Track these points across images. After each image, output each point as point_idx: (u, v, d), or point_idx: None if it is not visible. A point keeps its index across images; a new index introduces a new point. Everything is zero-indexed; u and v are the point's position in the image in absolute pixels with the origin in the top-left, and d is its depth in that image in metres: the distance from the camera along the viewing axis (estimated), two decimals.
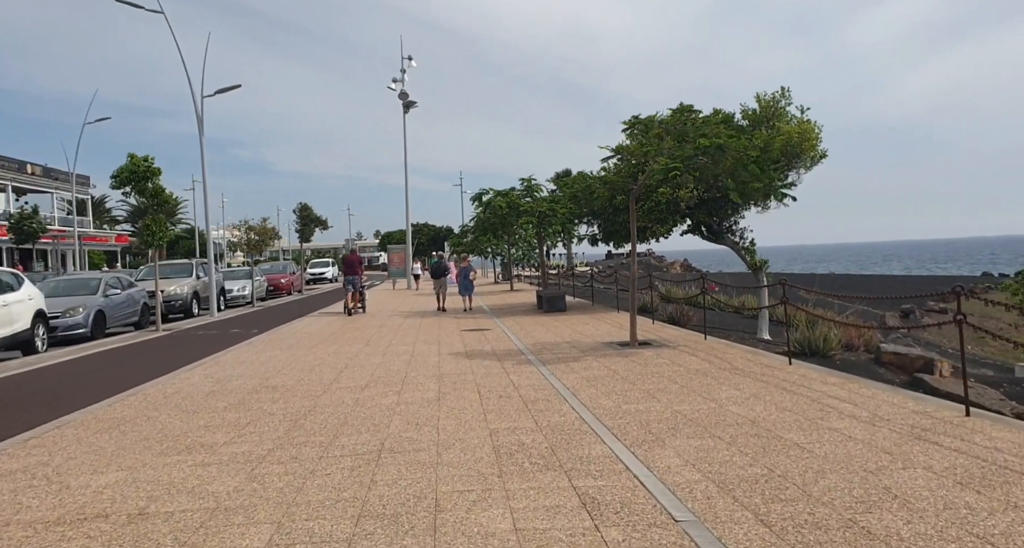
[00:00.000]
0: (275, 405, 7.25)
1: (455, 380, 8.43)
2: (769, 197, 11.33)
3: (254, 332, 15.08)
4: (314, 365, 10.02)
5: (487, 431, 5.88)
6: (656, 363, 9.06)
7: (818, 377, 7.67)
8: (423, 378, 8.65)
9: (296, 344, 12.66)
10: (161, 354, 12.26)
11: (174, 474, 4.93)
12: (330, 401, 7.37)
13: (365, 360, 10.38)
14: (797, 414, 6.00)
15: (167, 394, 8.13)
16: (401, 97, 34.04)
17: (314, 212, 32.30)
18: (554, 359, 9.83)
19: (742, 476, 4.45)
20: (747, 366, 8.56)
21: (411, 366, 9.63)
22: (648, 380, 7.92)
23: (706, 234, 17.21)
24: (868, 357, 12.97)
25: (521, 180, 19.58)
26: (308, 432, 6.05)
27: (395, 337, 13.35)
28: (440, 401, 7.21)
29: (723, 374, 8.08)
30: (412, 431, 5.97)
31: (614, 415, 6.28)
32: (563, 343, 11.52)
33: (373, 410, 6.86)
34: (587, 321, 15.07)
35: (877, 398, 6.48)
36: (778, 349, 11.38)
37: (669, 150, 10.11)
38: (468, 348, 11.40)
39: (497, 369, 9.16)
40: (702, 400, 6.75)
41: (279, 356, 11.13)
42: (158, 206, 15.30)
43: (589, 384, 7.84)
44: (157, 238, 15.19)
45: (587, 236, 19.24)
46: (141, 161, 14.94)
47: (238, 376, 9.26)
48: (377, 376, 8.89)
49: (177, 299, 19.79)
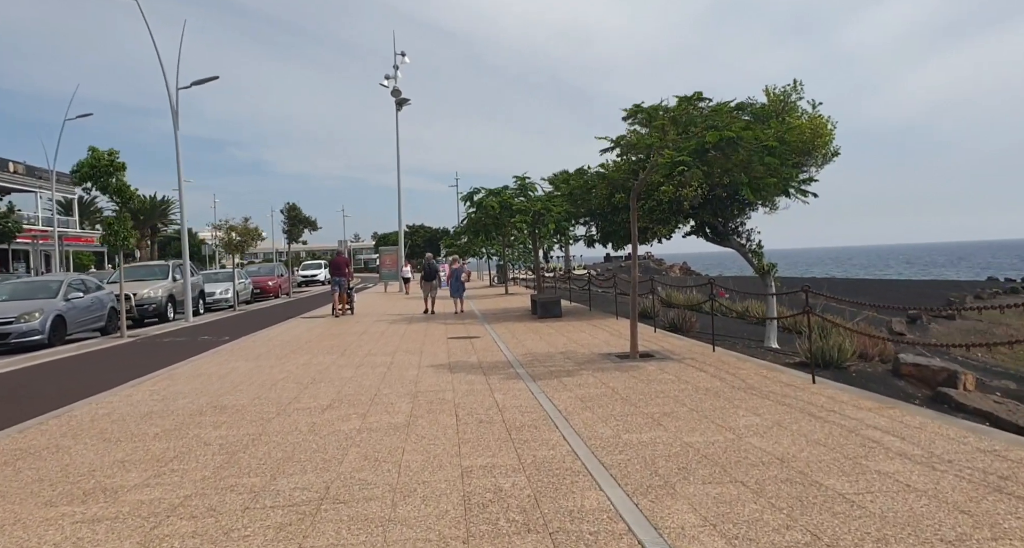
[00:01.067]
0: (216, 432, 6.20)
1: (432, 399, 7.39)
2: (786, 193, 10.28)
3: (225, 339, 14.02)
4: (277, 379, 8.97)
5: (459, 470, 4.84)
6: (660, 380, 8.02)
7: (849, 400, 6.63)
8: (396, 396, 7.60)
9: (266, 353, 11.60)
10: (115, 365, 11.19)
11: (45, 538, 3.87)
12: (281, 426, 6.32)
13: (336, 373, 9.33)
14: (834, 450, 4.96)
15: (96, 416, 7.07)
16: (393, 94, 33.00)
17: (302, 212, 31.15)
18: (546, 373, 8.80)
19: (779, 545, 3.41)
20: (764, 384, 7.52)
21: (385, 381, 8.59)
22: (652, 401, 6.88)
23: (710, 236, 16.20)
24: (885, 368, 12.01)
25: (515, 178, 18.55)
26: (242, 470, 5.00)
27: (375, 345, 12.30)
28: (410, 427, 6.17)
29: (738, 394, 7.04)
30: (368, 470, 4.92)
31: (613, 448, 5.25)
32: (557, 354, 10.49)
33: (328, 439, 5.82)
34: (583, 328, 14.04)
35: (928, 429, 5.43)
36: (787, 359, 10.42)
37: (675, 142, 9.09)
38: (452, 359, 10.36)
39: (481, 385, 8.12)
40: (716, 429, 5.72)
41: (242, 368, 10.07)
42: (122, 204, 14.22)
43: (584, 405, 6.80)
44: (121, 239, 14.11)
45: (584, 237, 18.21)
46: (103, 155, 13.87)
47: (188, 393, 8.21)
48: (344, 394, 7.84)
49: (151, 303, 18.70)
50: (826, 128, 13.70)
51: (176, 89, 18.14)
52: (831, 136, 13.68)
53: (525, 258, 36.39)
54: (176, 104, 18.16)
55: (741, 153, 8.60)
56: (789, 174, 9.79)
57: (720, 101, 9.23)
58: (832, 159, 14.13)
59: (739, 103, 8.98)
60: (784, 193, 10.22)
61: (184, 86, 18.53)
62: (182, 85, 18.42)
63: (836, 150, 13.94)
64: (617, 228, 16.46)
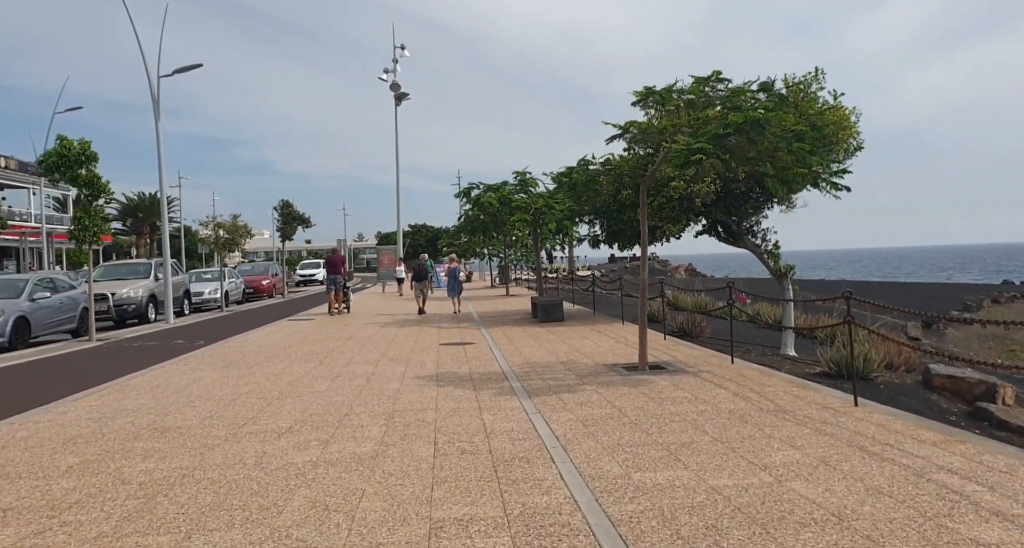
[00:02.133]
0: (143, 464, 5.16)
1: (409, 421, 6.35)
2: (816, 186, 9.18)
3: (200, 344, 13.00)
4: (240, 393, 7.93)
5: (426, 527, 3.80)
6: (674, 398, 6.96)
7: (904, 429, 5.55)
8: (369, 417, 6.56)
9: (238, 361, 10.57)
10: (68, 373, 10.17)
11: None
12: (224, 457, 5.28)
13: (308, 386, 8.30)
14: (904, 504, 3.90)
15: (10, 441, 6.01)
16: (392, 88, 32.01)
17: (296, 209, 30.17)
18: (544, 388, 7.75)
19: None
20: (797, 406, 6.46)
21: (361, 397, 7.55)
22: (666, 427, 5.83)
23: (723, 236, 15.14)
24: (914, 379, 10.98)
25: (515, 174, 17.49)
26: (152, 523, 3.96)
27: (359, 352, 11.27)
28: (377, 459, 5.13)
29: (768, 419, 5.98)
30: (311, 525, 3.88)
31: (622, 494, 4.20)
32: (557, 364, 9.44)
33: (275, 476, 4.78)
34: (587, 334, 12.98)
35: (1020, 476, 4.36)
36: (808, 369, 9.43)
37: (691, 127, 8.03)
38: (441, 369, 9.32)
39: (469, 403, 7.08)
40: (748, 467, 4.66)
41: (206, 379, 9.04)
42: (93, 197, 13.20)
43: (586, 431, 5.76)
44: (91, 233, 13.10)
45: (588, 237, 17.14)
46: (73, 144, 12.86)
47: (133, 410, 7.17)
48: (310, 413, 6.80)
49: (130, 303, 17.69)
50: (849, 120, 12.62)
51: (157, 77, 17.12)
52: (855, 129, 12.60)
53: (527, 258, 35.34)
54: (157, 93, 17.13)
55: (768, 139, 7.53)
56: (821, 164, 8.72)
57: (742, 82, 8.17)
58: (855, 153, 13.05)
59: (762, 83, 7.91)
60: (814, 186, 9.12)
61: (166, 74, 17.53)
62: (163, 73, 17.41)
63: (860, 144, 12.86)
64: (624, 227, 15.40)
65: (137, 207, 70.56)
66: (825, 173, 8.83)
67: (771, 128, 7.55)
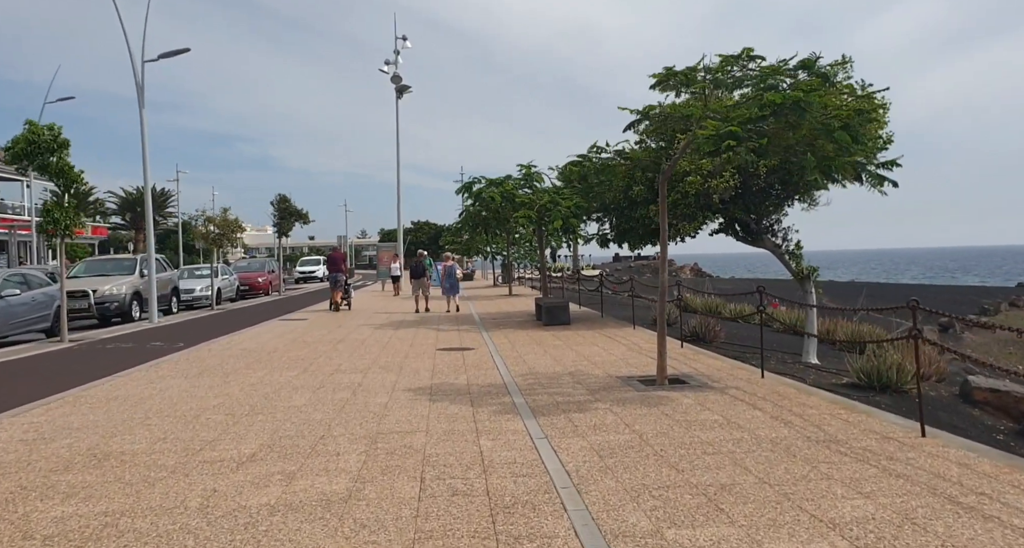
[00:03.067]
0: (60, 507, 4.21)
1: (394, 447, 5.40)
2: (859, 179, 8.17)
3: (178, 346, 12.05)
4: (206, 408, 6.99)
5: None
6: (703, 422, 6.00)
7: (995, 471, 4.56)
8: (347, 441, 5.61)
9: (214, 368, 9.63)
10: (23, 380, 9.23)
11: None
12: (162, 498, 4.33)
13: (285, 400, 7.35)
14: None
15: None
16: (394, 80, 31.06)
17: (293, 204, 29.22)
18: (550, 405, 6.80)
19: None
20: (851, 434, 5.48)
21: (342, 415, 6.60)
22: (699, 460, 4.87)
23: (741, 234, 14.17)
24: (950, 392, 10.03)
25: (519, 167, 16.52)
26: None
27: (349, 358, 10.32)
28: (349, 503, 4.18)
29: (820, 452, 5.01)
30: None
31: None
32: (564, 375, 8.49)
33: (218, 529, 3.83)
34: (596, 340, 12.02)
35: None
36: (835, 379, 8.57)
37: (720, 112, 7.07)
38: (436, 380, 8.38)
39: (466, 423, 6.13)
40: (811, 524, 3.70)
41: (172, 389, 8.10)
42: (65, 187, 12.26)
43: (603, 465, 4.81)
44: (62, 226, 12.16)
45: (596, 236, 16.16)
46: (44, 130, 11.92)
47: (77, 429, 6.22)
48: (280, 435, 5.86)
49: (112, 300, 16.74)
50: (878, 111, 11.62)
51: (142, 62, 16.17)
52: (884, 122, 11.61)
53: (530, 257, 34.36)
54: (142, 79, 16.18)
55: (807, 124, 6.56)
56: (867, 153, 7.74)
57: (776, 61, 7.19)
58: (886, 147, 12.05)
59: (803, 60, 6.92)
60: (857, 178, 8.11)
61: (151, 59, 16.56)
62: (148, 58, 16.44)
63: (890, 137, 11.86)
64: (635, 225, 14.43)
65: (136, 201, 69.51)
66: (871, 164, 7.82)
67: (813, 112, 6.58)
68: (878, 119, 11.62)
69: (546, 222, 16.20)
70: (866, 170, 7.76)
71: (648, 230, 14.40)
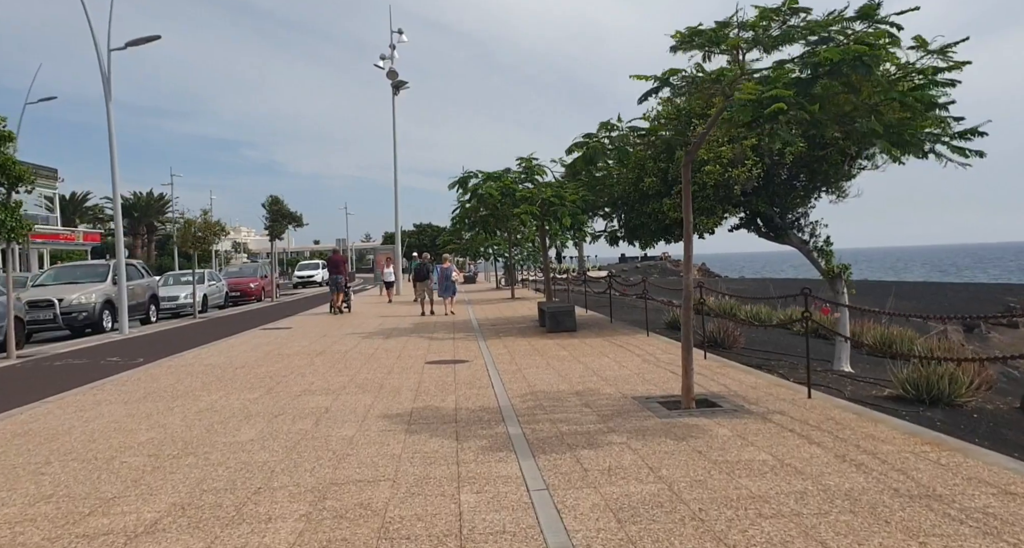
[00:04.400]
0: None
1: (346, 507, 4.08)
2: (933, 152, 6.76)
3: (136, 362, 10.74)
4: (128, 446, 5.67)
5: None
6: (749, 463, 4.65)
7: None
8: (287, 499, 4.28)
9: (162, 390, 8.32)
10: None
11: None
12: None
13: (231, 433, 6.03)
14: None
15: None
16: (389, 76, 29.78)
17: (286, 207, 27.97)
18: (554, 438, 5.47)
19: None
20: (951, 485, 4.12)
21: (294, 454, 5.28)
22: (755, 529, 3.52)
23: (763, 230, 12.83)
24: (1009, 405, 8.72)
25: (519, 160, 15.19)
26: None
27: (324, 374, 9.01)
28: None
29: (919, 515, 3.66)
30: None
31: None
32: (570, 396, 7.15)
33: None
34: (605, 349, 10.67)
35: None
36: (876, 391, 7.35)
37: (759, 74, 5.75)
38: (418, 403, 7.05)
39: (445, 466, 4.80)
40: None
41: (103, 418, 6.79)
42: (9, 185, 10.97)
43: (624, 536, 3.47)
44: (6, 230, 10.87)
45: (604, 233, 14.80)
46: None
47: None
48: (204, 489, 4.53)
49: (80, 310, 15.47)
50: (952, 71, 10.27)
51: (108, 50, 14.90)
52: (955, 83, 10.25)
53: (533, 258, 33.00)
54: (108, 69, 14.90)
55: (869, 86, 5.23)
56: (940, 121, 6.36)
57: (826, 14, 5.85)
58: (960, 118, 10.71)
59: (863, 7, 5.56)
60: (931, 151, 6.72)
61: (117, 47, 15.27)
62: (115, 46, 15.17)
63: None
64: (647, 220, 13.07)
65: (133, 207, 68.47)
66: (948, 133, 6.46)
67: (877, 72, 5.24)
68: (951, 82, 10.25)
69: (550, 219, 14.89)
70: (942, 140, 6.38)
71: (661, 226, 13.05)
